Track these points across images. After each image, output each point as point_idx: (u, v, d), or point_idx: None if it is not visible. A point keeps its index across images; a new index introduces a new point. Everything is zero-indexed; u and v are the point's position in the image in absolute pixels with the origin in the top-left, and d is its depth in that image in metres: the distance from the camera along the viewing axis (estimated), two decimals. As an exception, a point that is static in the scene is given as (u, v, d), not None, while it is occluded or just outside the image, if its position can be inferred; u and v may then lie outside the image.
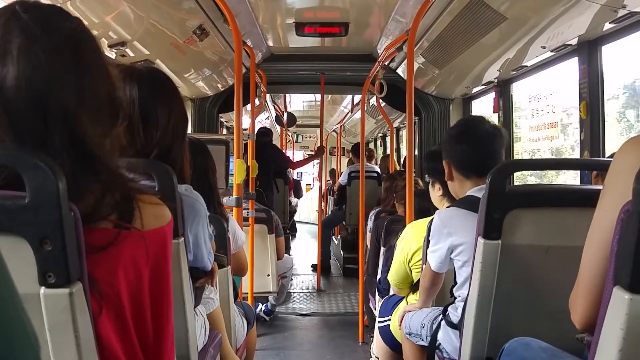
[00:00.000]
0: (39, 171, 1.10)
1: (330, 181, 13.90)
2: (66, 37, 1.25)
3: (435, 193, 3.45)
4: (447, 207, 2.85)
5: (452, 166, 2.84)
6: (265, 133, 9.02)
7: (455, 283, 2.76)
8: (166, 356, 1.39)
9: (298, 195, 14.13)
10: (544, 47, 4.22)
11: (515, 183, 5.28)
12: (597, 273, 1.40)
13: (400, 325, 3.33)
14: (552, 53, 4.32)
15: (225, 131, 9.90)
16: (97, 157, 1.24)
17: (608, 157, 3.40)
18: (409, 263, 3.57)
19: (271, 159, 8.46)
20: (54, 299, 1.14)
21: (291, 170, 10.91)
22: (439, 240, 2.74)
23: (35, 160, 1.10)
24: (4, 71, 1.18)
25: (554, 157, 5.22)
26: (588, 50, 3.96)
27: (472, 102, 6.99)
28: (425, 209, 3.97)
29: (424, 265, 3.05)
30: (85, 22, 1.33)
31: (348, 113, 12.12)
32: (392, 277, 3.74)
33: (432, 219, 2.92)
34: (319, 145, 9.18)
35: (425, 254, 3.04)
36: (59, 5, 1.34)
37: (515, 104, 5.75)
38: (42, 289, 1.14)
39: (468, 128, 2.84)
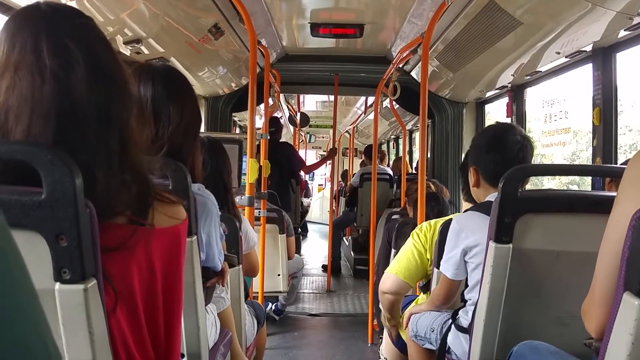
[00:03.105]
0: (56, 167, 1.11)
1: (342, 182, 13.88)
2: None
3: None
4: (464, 212, 2.85)
5: (481, 175, 2.80)
6: (271, 123, 7.36)
7: (467, 286, 2.76)
8: (175, 352, 1.40)
9: (307, 195, 14.14)
10: (558, 53, 4.21)
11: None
12: (612, 282, 1.40)
13: (406, 328, 3.30)
14: (567, 59, 4.31)
15: (238, 130, 9.92)
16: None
17: (621, 164, 3.39)
18: (425, 254, 3.45)
19: (285, 160, 8.34)
20: (68, 294, 1.15)
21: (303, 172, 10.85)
22: (455, 245, 2.71)
23: (52, 156, 1.11)
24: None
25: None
26: (602, 57, 3.95)
27: (486, 106, 6.98)
28: (440, 212, 3.96)
29: (435, 270, 3.03)
30: (101, 19, 1.33)
31: (361, 114, 12.11)
32: (402, 270, 3.45)
33: (446, 222, 2.91)
34: (331, 146, 9.11)
35: (437, 260, 3.01)
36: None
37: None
38: (57, 285, 1.15)
39: (499, 137, 2.76)
